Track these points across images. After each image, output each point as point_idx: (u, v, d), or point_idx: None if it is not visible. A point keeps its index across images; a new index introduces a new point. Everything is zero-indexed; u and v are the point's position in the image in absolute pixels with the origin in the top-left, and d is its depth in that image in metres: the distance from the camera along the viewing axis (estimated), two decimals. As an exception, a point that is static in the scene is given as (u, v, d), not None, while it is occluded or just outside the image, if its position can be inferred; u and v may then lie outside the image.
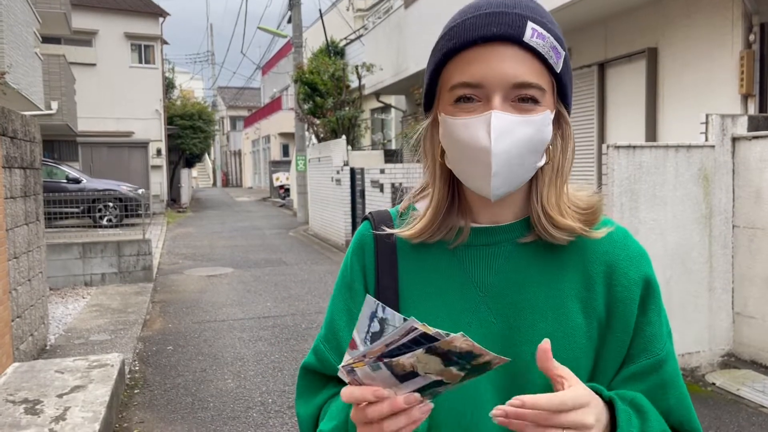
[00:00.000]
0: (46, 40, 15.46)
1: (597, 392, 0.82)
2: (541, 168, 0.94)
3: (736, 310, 5.13)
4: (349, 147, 13.82)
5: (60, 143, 19.78)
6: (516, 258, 0.96)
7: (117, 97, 21.80)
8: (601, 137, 8.23)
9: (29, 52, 10.64)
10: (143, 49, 23.13)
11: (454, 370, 0.73)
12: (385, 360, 0.73)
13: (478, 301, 0.95)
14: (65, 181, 15.31)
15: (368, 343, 0.76)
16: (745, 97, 6.22)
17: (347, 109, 15.34)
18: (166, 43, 24.85)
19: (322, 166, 15.04)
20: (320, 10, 18.98)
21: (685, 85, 6.97)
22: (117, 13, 22.22)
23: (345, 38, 19.28)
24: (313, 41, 21.01)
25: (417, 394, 0.74)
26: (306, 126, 17.26)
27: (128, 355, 5.67)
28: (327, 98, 15.55)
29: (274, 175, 27.81)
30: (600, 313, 0.93)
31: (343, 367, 0.75)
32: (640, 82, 7.56)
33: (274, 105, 34.97)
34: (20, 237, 5.31)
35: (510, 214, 0.98)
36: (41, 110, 11.63)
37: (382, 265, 1.01)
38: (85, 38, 21.27)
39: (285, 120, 30.42)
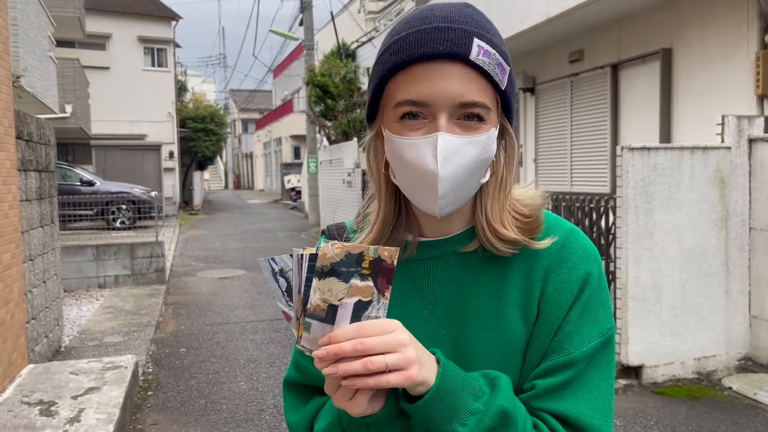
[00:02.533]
0: (61, 43, 15.59)
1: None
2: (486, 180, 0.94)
3: (753, 313, 5.06)
4: (361, 149, 13.81)
5: (74, 146, 19.93)
6: (461, 268, 0.96)
7: (130, 100, 21.96)
8: (615, 139, 8.18)
9: (44, 55, 10.73)
10: (156, 52, 23.30)
11: (357, 282, 0.76)
12: (306, 313, 0.75)
13: (428, 315, 0.96)
14: (79, 183, 15.43)
15: (290, 303, 0.78)
16: (761, 98, 6.14)
17: (359, 111, 15.33)
18: (178, 46, 25.01)
19: (333, 168, 15.06)
20: (331, 13, 19.02)
21: (700, 86, 6.90)
22: (130, 16, 22.40)
23: (356, 40, 19.29)
24: (324, 44, 21.07)
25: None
26: (317, 128, 17.28)
27: (141, 356, 5.69)
28: (338, 100, 15.56)
29: (286, 178, 27.88)
30: (534, 317, 0.92)
31: (298, 346, 0.78)
32: (654, 83, 7.50)
33: (286, 107, 35.07)
34: (35, 239, 5.34)
35: (457, 226, 0.97)
36: (56, 113, 11.72)
37: None
38: (98, 42, 21.46)
39: (296, 122, 30.50)
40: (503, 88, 0.89)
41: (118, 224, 14.52)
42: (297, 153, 33.55)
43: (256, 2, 33.99)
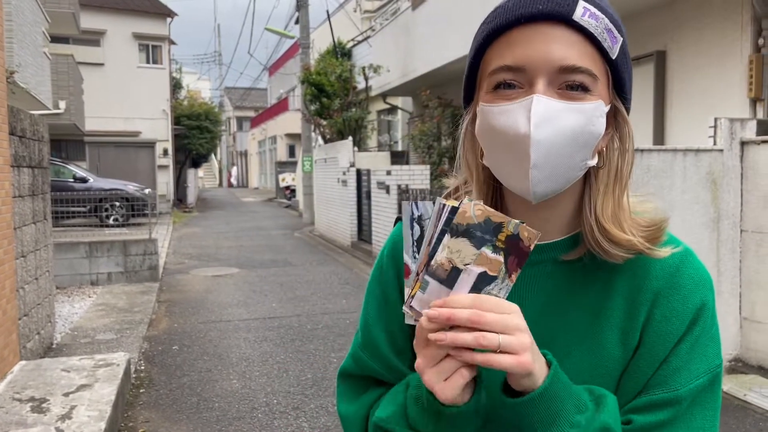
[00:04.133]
0: (55, 39, 15.51)
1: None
2: (596, 174, 0.84)
3: (744, 315, 5.10)
4: (356, 148, 13.82)
5: (67, 142, 19.84)
6: (558, 277, 0.87)
7: (124, 97, 21.89)
8: (609, 140, 8.21)
9: (38, 51, 10.68)
10: (151, 49, 23.22)
11: (488, 252, 0.71)
12: (428, 269, 0.71)
13: None
14: (72, 180, 15.37)
15: (416, 255, 0.74)
16: (754, 101, 6.19)
17: (354, 110, 15.35)
18: (173, 43, 24.95)
19: (328, 167, 15.06)
20: (327, 12, 19.02)
21: (694, 88, 6.94)
22: (125, 13, 22.32)
23: (352, 39, 19.28)
24: (320, 42, 21.03)
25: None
26: (312, 127, 17.27)
27: (134, 354, 5.68)
28: (334, 99, 15.56)
29: (280, 176, 27.87)
30: (635, 343, 0.85)
31: (404, 307, 0.73)
32: (648, 85, 7.53)
33: (281, 106, 35.01)
34: (28, 236, 5.33)
35: (556, 229, 0.87)
36: (49, 109, 11.67)
37: None
38: (93, 38, 21.37)
39: (291, 121, 30.45)
40: (614, 58, 0.79)
41: (111, 221, 14.48)
42: (292, 151, 33.51)
43: (252, 0, 33.93)
